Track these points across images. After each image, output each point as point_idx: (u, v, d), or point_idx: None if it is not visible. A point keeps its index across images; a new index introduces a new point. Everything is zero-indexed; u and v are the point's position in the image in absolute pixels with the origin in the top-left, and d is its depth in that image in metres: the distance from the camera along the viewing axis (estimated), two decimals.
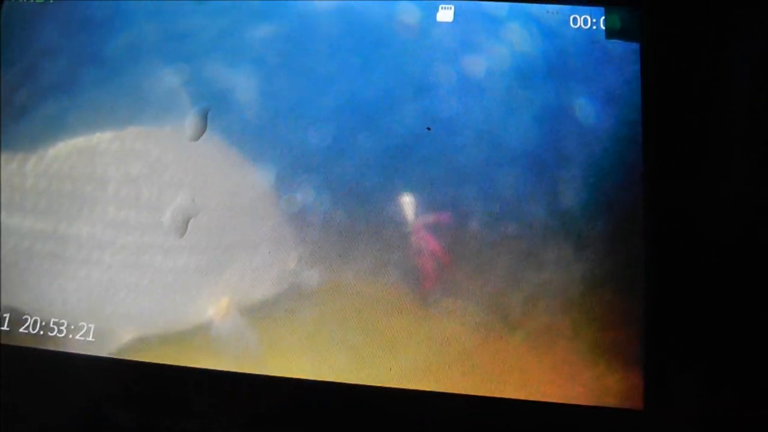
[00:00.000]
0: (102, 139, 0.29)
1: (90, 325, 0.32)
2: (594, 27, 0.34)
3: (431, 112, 0.33)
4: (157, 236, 0.30)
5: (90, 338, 0.32)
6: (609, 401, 0.30)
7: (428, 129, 0.33)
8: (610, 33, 0.34)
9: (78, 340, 0.32)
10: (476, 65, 0.34)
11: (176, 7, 0.32)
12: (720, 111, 0.32)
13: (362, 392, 0.30)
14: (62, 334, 0.32)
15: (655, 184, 0.32)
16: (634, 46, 0.34)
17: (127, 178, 0.29)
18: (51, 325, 0.32)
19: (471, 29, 0.34)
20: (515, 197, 0.32)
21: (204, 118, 0.33)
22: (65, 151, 0.29)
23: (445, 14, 0.34)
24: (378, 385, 0.30)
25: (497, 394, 0.30)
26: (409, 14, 0.35)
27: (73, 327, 0.32)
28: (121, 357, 0.30)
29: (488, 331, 0.31)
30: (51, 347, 0.32)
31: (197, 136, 0.32)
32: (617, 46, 0.34)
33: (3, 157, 0.28)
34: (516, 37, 0.34)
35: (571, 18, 0.35)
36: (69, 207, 0.29)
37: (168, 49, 0.32)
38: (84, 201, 0.29)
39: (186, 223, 0.29)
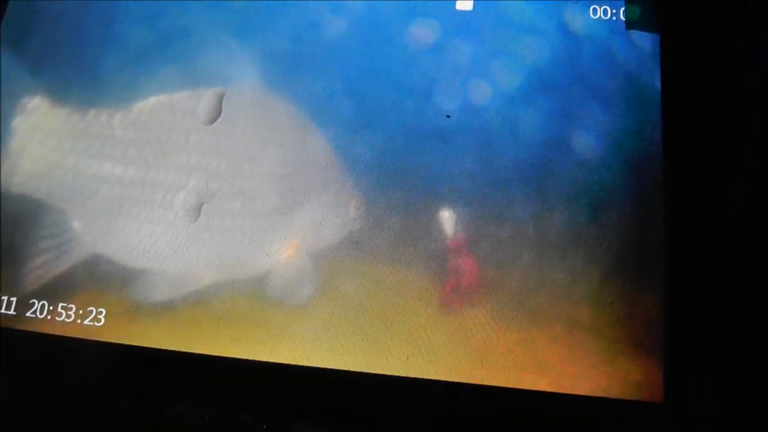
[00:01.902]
0: (181, 96, 0.32)
1: (100, 309, 0.31)
2: (614, 18, 0.34)
3: (452, 103, 0.33)
4: (235, 182, 0.31)
5: (99, 323, 0.31)
6: (629, 394, 0.29)
7: (447, 117, 0.32)
8: (630, 24, 0.34)
9: (86, 325, 0.31)
10: (495, 55, 0.33)
11: None
12: (742, 104, 0.32)
13: (378, 381, 0.30)
14: (70, 319, 0.31)
15: (676, 178, 0.31)
16: (655, 36, 0.34)
17: (206, 129, 0.31)
18: (59, 310, 0.32)
19: (491, 17, 0.34)
20: (535, 193, 0.32)
21: (219, 101, 0.33)
22: (148, 106, 0.31)
23: (465, 3, 0.34)
24: (394, 374, 0.30)
25: (517, 386, 0.30)
26: (429, 2, 0.34)
27: (81, 312, 0.31)
28: (200, 300, 0.31)
29: (509, 323, 0.30)
30: (58, 332, 0.31)
31: (212, 120, 0.33)
32: (638, 37, 0.34)
33: (92, 112, 0.31)
34: (535, 28, 0.34)
35: (591, 9, 0.34)
36: (155, 155, 0.31)
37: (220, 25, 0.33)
38: (168, 150, 0.31)
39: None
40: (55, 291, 0.31)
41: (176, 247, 0.31)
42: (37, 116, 0.31)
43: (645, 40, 0.34)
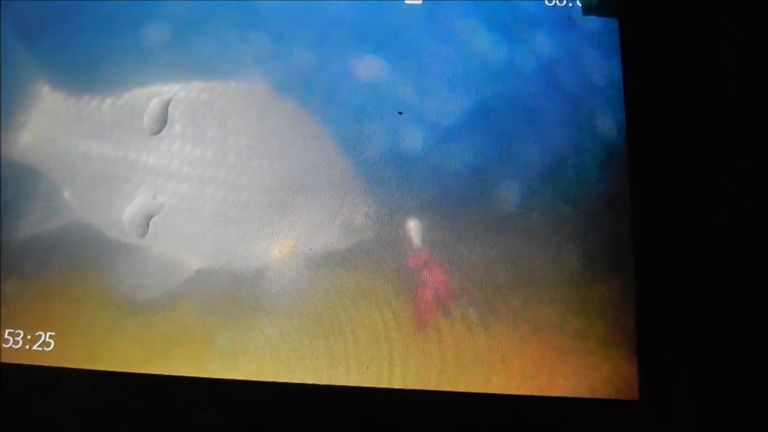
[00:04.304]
0: (172, 88, 0.33)
1: (51, 333, 0.30)
2: (570, 4, 0.33)
3: (404, 103, 0.32)
4: (219, 172, 0.31)
5: (49, 348, 0.30)
6: (604, 393, 0.28)
7: (400, 113, 0.31)
8: (587, 9, 0.33)
9: (35, 350, 0.30)
10: (448, 50, 0.33)
11: None
12: (705, 92, 0.31)
13: (338, 393, 0.29)
14: (18, 345, 0.30)
15: (641, 173, 0.30)
16: (613, 22, 0.33)
17: (192, 121, 0.32)
18: (6, 336, 0.30)
19: (441, 10, 0.33)
20: (501, 196, 0.31)
21: (165, 109, 0.32)
22: (137, 95, 0.33)
23: None
24: (354, 385, 0.29)
25: (487, 390, 0.29)
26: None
27: (29, 337, 0.30)
28: (187, 291, 0.30)
29: (476, 325, 0.29)
30: (7, 360, 0.30)
31: (159, 130, 0.32)
32: (595, 22, 0.33)
33: (86, 97, 0.33)
34: (488, 18, 0.33)
35: None
36: (138, 140, 0.32)
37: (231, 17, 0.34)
38: (152, 136, 0.32)
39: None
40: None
41: (155, 229, 0.31)
42: (39, 98, 0.34)
43: (603, 25, 0.33)
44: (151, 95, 0.33)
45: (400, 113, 0.31)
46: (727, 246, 0.29)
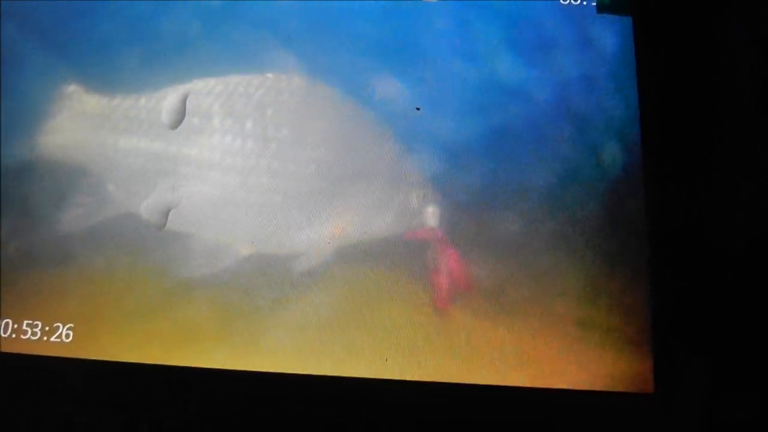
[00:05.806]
0: (207, 83, 0.33)
1: (69, 325, 0.30)
2: (584, 2, 0.33)
3: (422, 96, 0.32)
4: (262, 161, 0.32)
5: (67, 339, 0.30)
6: (619, 386, 0.29)
7: (417, 109, 0.32)
8: (602, 7, 0.33)
9: (54, 342, 0.30)
10: (465, 47, 0.33)
11: None
12: (720, 89, 0.31)
13: (357, 385, 0.29)
14: (36, 337, 0.30)
15: (657, 170, 0.31)
16: (627, 20, 0.33)
17: (230, 113, 0.33)
18: (24, 327, 0.30)
19: (459, 6, 0.33)
20: (519, 188, 0.31)
21: (183, 101, 0.32)
22: (173, 92, 0.33)
23: None
24: (374, 377, 0.29)
25: (503, 383, 0.29)
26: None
27: (47, 329, 0.30)
28: (216, 282, 0.31)
29: (493, 319, 0.30)
30: (25, 351, 0.30)
31: (197, 124, 0.32)
32: (610, 20, 0.33)
33: (120, 97, 0.34)
34: (505, 14, 0.33)
35: None
36: (177, 134, 0.33)
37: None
38: (191, 130, 0.33)
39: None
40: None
41: (196, 219, 0.32)
42: (73, 100, 0.34)
43: (618, 23, 0.33)
44: (186, 91, 0.33)
45: (418, 109, 0.32)
46: (741, 244, 0.30)
